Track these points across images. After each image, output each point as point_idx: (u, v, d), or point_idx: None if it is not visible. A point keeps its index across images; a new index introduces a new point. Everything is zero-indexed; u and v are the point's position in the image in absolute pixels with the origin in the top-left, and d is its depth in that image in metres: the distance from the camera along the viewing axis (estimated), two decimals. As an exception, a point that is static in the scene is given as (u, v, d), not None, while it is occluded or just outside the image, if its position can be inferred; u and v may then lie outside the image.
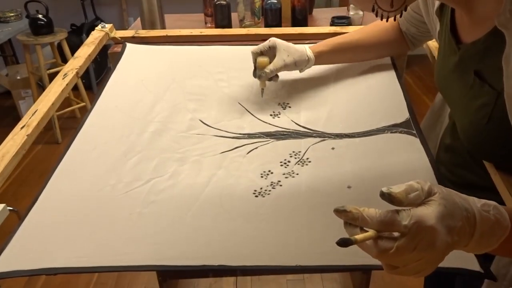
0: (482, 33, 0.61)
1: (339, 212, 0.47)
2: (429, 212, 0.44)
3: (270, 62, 0.91)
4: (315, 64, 0.97)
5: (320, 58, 0.97)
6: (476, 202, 0.48)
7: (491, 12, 0.58)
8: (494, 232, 0.47)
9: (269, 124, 0.91)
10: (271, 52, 0.92)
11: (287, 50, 0.93)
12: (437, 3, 0.74)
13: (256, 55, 0.92)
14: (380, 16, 0.63)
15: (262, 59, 0.91)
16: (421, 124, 0.92)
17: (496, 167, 0.66)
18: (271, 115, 0.93)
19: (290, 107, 0.95)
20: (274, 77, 0.94)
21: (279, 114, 0.93)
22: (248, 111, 0.94)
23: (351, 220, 0.47)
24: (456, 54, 0.68)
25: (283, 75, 0.98)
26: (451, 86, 0.72)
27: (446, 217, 0.45)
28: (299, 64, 0.94)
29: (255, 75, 0.93)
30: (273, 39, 0.93)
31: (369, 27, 1.00)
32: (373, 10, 0.63)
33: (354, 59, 1.03)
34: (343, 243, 0.44)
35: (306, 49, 0.95)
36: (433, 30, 0.81)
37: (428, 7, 0.80)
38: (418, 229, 0.43)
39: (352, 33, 1.00)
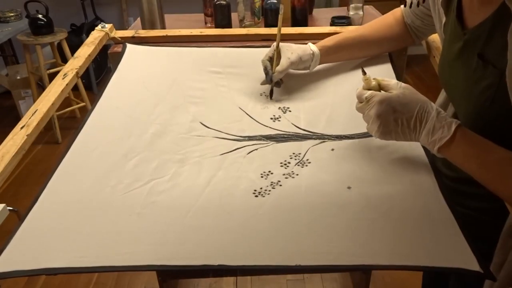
0: (488, 14, 0.62)
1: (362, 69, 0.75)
2: (381, 95, 0.70)
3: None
4: (321, 62, 0.99)
5: (325, 53, 0.98)
6: (439, 112, 0.67)
7: None
8: (437, 133, 0.66)
9: (270, 127, 0.91)
10: (278, 56, 0.95)
11: (290, 48, 0.95)
12: None
13: (266, 62, 0.96)
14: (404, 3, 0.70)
15: (270, 64, 0.95)
16: None
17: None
18: (271, 118, 0.93)
19: (290, 111, 0.95)
20: (278, 83, 0.97)
21: (280, 117, 0.93)
22: (248, 115, 0.94)
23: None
24: (461, 40, 0.69)
25: (284, 79, 0.98)
26: (454, 74, 0.73)
27: (394, 101, 0.69)
28: (305, 59, 0.96)
29: (269, 81, 0.96)
30: (273, 43, 0.96)
31: (373, 23, 1.01)
32: None
33: (359, 55, 1.04)
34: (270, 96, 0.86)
35: (309, 45, 0.97)
36: (438, 23, 0.82)
37: (435, 1, 0.81)
38: (369, 100, 0.71)
39: (356, 28, 1.02)
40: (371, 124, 0.71)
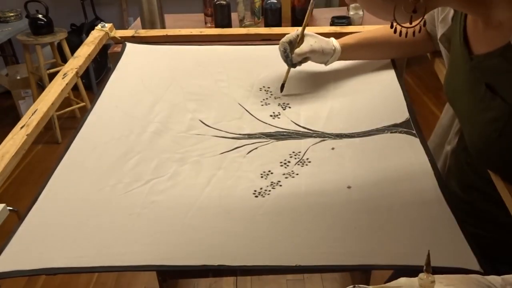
0: (496, 45, 0.60)
1: None
2: None
3: None
4: (340, 58, 0.98)
5: (346, 50, 0.97)
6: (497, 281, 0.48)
7: (508, 20, 0.57)
8: None
9: (269, 124, 0.91)
10: (300, 43, 0.94)
11: (314, 37, 0.95)
12: (450, 11, 0.73)
13: (285, 44, 0.95)
14: (399, 32, 0.64)
15: (290, 47, 0.95)
16: (429, 142, 0.90)
17: (503, 179, 0.65)
18: (271, 115, 0.93)
19: (290, 107, 0.95)
20: (300, 62, 0.96)
21: (279, 114, 0.93)
22: (248, 112, 0.94)
23: None
24: (467, 65, 0.67)
25: (284, 76, 0.98)
26: (460, 98, 0.71)
27: None
28: (326, 52, 0.95)
29: (289, 63, 0.95)
30: (299, 29, 0.95)
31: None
32: (392, 27, 0.64)
33: (378, 56, 1.02)
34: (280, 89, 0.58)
35: (333, 41, 0.96)
36: (436, 34, 0.81)
37: (436, 14, 0.80)
38: None
39: (378, 28, 0.99)
40: None
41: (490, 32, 0.62)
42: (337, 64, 1.03)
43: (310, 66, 1.01)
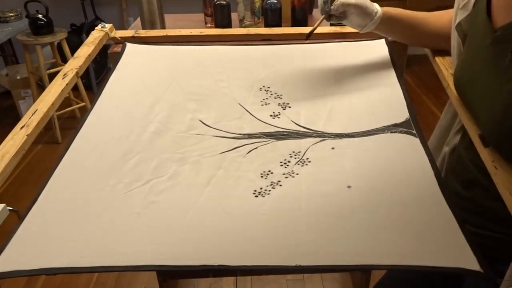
0: None
1: None
2: None
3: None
4: (376, 29, 0.94)
5: (385, 20, 0.93)
6: None
7: None
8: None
9: (269, 124, 0.91)
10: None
11: None
12: None
13: None
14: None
15: None
16: (429, 142, 0.90)
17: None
18: (271, 115, 0.93)
19: (290, 107, 0.95)
20: (337, 17, 0.93)
21: (279, 114, 0.93)
22: (248, 112, 0.94)
23: None
24: (490, 40, 0.67)
25: (284, 76, 0.98)
26: (478, 81, 0.71)
27: None
28: (369, 12, 0.91)
29: (326, 11, 0.92)
30: None
31: (443, 13, 0.94)
32: None
33: (411, 39, 0.99)
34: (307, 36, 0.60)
35: (376, 5, 0.93)
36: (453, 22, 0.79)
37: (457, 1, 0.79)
38: None
39: (422, 12, 0.96)
40: None
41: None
42: (337, 64, 1.03)
43: (310, 66, 1.01)
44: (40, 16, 2.59)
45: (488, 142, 0.68)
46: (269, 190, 0.75)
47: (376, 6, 0.93)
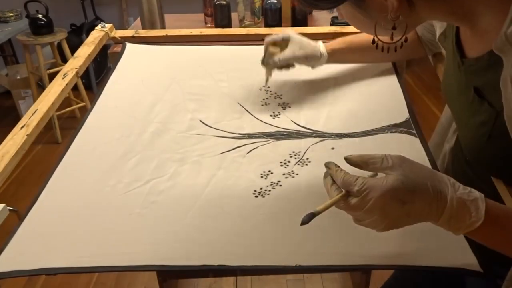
0: (484, 50, 0.60)
1: (325, 165, 0.58)
2: (380, 184, 0.51)
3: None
4: (328, 62, 0.97)
5: (334, 55, 0.96)
6: (456, 188, 0.52)
7: (493, 29, 0.57)
8: (464, 219, 0.52)
9: (269, 124, 0.91)
10: (284, 45, 0.93)
11: (300, 43, 0.93)
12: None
13: (268, 44, 0.94)
14: (380, 48, 0.64)
15: (273, 49, 0.93)
16: (429, 142, 0.90)
17: (504, 183, 0.65)
18: (271, 115, 0.93)
19: (290, 107, 0.95)
20: (287, 66, 0.95)
21: (279, 114, 0.93)
22: (248, 112, 0.94)
23: (330, 174, 0.57)
24: (459, 68, 0.67)
25: (284, 76, 0.98)
26: (455, 100, 0.71)
27: (400, 192, 0.51)
28: (311, 59, 0.94)
29: (263, 62, 0.94)
30: (288, 31, 0.94)
31: None
32: (373, 43, 0.64)
33: (368, 59, 1.02)
34: (307, 219, 0.55)
35: (320, 46, 0.95)
36: (428, 38, 0.81)
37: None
38: (366, 194, 0.51)
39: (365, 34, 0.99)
40: (370, 221, 0.53)
41: (478, 38, 0.63)
42: (337, 65, 1.03)
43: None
44: (40, 16, 2.59)
45: (468, 157, 0.69)
46: (269, 190, 0.75)
47: (319, 46, 0.95)
